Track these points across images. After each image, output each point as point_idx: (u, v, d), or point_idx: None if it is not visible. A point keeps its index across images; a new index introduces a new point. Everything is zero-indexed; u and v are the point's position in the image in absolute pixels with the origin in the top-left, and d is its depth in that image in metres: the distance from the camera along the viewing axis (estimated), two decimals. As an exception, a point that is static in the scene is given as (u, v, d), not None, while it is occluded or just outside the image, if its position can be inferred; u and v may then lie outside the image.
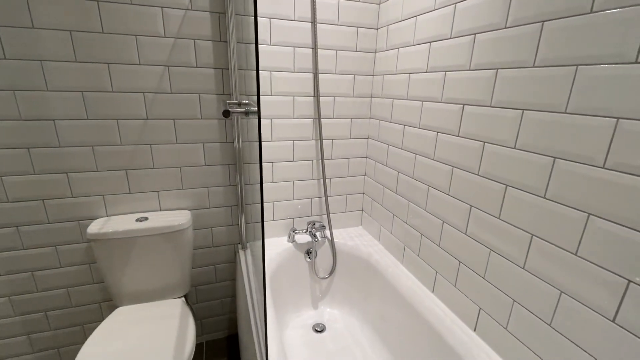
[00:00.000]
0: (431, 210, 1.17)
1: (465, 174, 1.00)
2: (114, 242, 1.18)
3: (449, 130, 1.05)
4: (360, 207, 1.71)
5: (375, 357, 1.33)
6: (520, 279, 0.84)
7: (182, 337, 1.11)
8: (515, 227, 0.85)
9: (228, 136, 1.36)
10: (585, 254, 0.69)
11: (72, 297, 1.35)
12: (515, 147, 0.83)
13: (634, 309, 0.62)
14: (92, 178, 1.23)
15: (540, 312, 0.80)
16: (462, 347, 0.99)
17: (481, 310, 0.99)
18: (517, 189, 0.84)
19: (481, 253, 0.97)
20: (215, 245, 1.50)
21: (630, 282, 0.62)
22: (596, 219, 0.67)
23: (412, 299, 1.22)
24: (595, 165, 0.66)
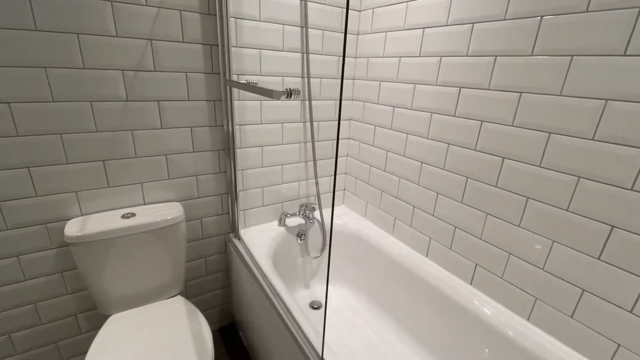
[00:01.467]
0: (425, 184, 1.29)
1: (461, 150, 1.13)
2: (99, 244, 1.04)
3: (445, 110, 1.16)
4: (343, 187, 1.78)
5: (377, 322, 1.45)
6: (516, 236, 1.01)
7: (198, 335, 1.05)
8: (512, 193, 1.00)
9: (218, 119, 1.27)
10: (575, 209, 0.86)
11: (40, 313, 1.15)
12: (513, 124, 0.97)
13: (616, 249, 0.80)
14: (61, 172, 1.04)
15: (535, 261, 0.97)
16: (461, 298, 1.15)
17: (477, 266, 1.15)
18: (514, 160, 0.98)
19: (477, 217, 1.12)
20: (205, 237, 1.41)
21: (614, 227, 0.80)
22: (585, 181, 0.83)
23: (407, 264, 1.35)
24: (585, 137, 0.82)
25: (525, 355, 0.96)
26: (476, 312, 1.10)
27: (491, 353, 1.05)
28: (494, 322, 1.05)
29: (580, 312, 0.89)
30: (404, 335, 1.35)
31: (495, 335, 1.04)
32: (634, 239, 0.77)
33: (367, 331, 1.41)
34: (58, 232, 1.09)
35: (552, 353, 0.92)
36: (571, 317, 0.91)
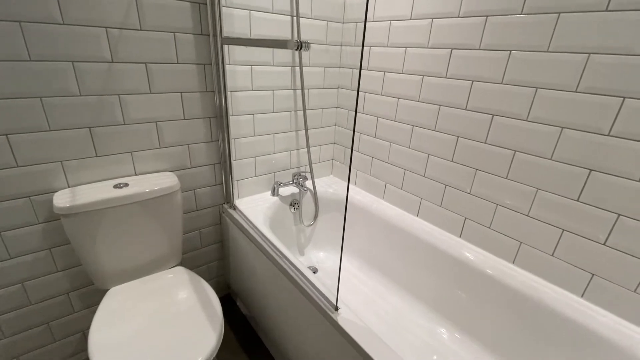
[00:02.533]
0: (416, 147, 1.34)
1: (452, 110, 1.18)
2: (92, 215, 0.99)
3: (436, 73, 1.20)
4: (331, 157, 1.80)
5: (372, 282, 1.52)
6: (504, 186, 1.10)
7: (205, 300, 1.05)
8: (500, 147, 1.08)
9: (208, 85, 1.22)
10: (558, 157, 0.95)
11: (29, 293, 1.09)
12: (502, 82, 1.03)
13: (593, 190, 0.90)
14: (44, 140, 0.96)
15: (520, 208, 1.07)
16: (452, 249, 1.24)
17: (466, 219, 1.24)
18: (502, 116, 1.05)
19: (467, 174, 1.19)
20: (199, 209, 1.38)
21: (592, 170, 0.90)
22: (568, 130, 0.92)
23: (398, 224, 1.42)
24: (569, 90, 0.90)
25: (512, 293, 1.07)
26: (466, 261, 1.19)
27: (481, 295, 1.16)
28: (482, 268, 1.15)
29: (560, 250, 1.00)
30: (400, 291, 1.44)
31: (484, 280, 1.14)
32: (608, 180, 0.87)
33: (363, 290, 1.48)
34: (44, 206, 1.02)
35: (536, 289, 1.04)
36: (552, 255, 1.03)
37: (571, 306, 0.97)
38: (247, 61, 1.27)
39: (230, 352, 1.36)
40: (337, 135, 1.73)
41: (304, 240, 1.70)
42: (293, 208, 1.61)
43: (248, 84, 1.31)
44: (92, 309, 1.24)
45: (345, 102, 1.63)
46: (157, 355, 0.86)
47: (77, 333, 1.24)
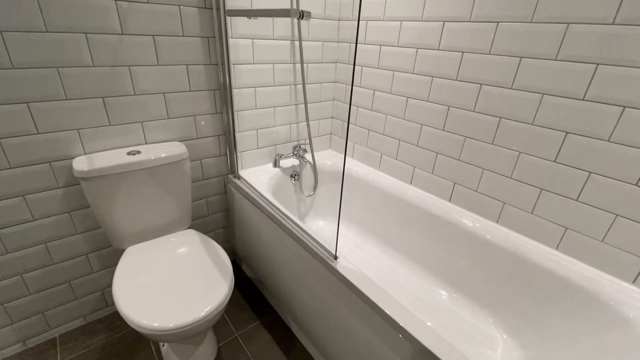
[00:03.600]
0: (410, 117, 1.42)
1: (444, 81, 1.26)
2: (109, 178, 1.07)
3: (429, 45, 1.27)
4: (329, 131, 1.87)
5: (368, 246, 1.63)
6: (490, 152, 1.18)
7: (215, 257, 1.15)
8: (487, 115, 1.16)
9: (212, 58, 1.27)
10: (538, 122, 1.04)
11: (52, 253, 1.18)
12: (490, 53, 1.10)
13: (569, 151, 0.99)
14: (62, 108, 1.03)
15: (504, 171, 1.16)
16: (443, 213, 1.34)
17: (455, 185, 1.33)
18: (490, 85, 1.13)
19: (457, 142, 1.28)
20: (205, 178, 1.46)
21: (568, 133, 0.98)
22: (548, 96, 1.00)
23: (393, 192, 1.51)
24: (549, 59, 0.97)
25: (496, 249, 1.18)
26: (455, 222, 1.30)
27: (470, 253, 1.27)
28: (469, 228, 1.25)
29: (538, 207, 1.10)
30: (395, 254, 1.55)
31: (472, 239, 1.25)
32: (582, 141, 0.96)
33: (359, 253, 1.59)
34: (63, 171, 1.10)
35: (518, 245, 1.14)
36: (531, 212, 1.13)
37: (548, 258, 1.08)
38: (248, 35, 1.32)
39: (238, 309, 1.47)
40: (335, 109, 1.80)
41: (304, 209, 1.80)
42: (293, 179, 1.70)
43: (250, 57, 1.36)
44: (109, 270, 1.33)
45: (343, 77, 1.69)
46: (175, 300, 0.96)
47: (95, 292, 1.34)
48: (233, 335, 1.35)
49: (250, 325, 1.39)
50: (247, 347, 1.30)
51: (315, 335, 1.18)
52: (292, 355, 1.27)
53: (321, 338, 1.14)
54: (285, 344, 1.32)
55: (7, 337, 1.19)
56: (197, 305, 0.95)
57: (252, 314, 1.45)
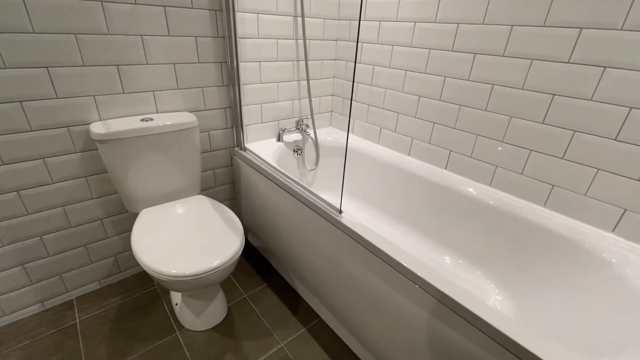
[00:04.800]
0: (408, 90, 1.49)
1: (441, 53, 1.33)
2: (125, 142, 1.12)
3: (426, 19, 1.33)
4: (330, 109, 1.94)
5: (368, 216, 1.71)
6: (483, 120, 1.26)
7: (226, 217, 1.22)
8: (481, 83, 1.23)
9: (219, 31, 1.33)
10: (528, 86, 1.12)
11: (69, 217, 1.23)
12: (483, 23, 1.17)
13: (555, 113, 1.07)
14: (78, 74, 1.08)
15: (497, 136, 1.24)
16: (440, 179, 1.42)
17: (451, 152, 1.41)
18: (483, 54, 1.20)
19: (452, 111, 1.35)
20: (213, 150, 1.52)
21: (554, 95, 1.06)
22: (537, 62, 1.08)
23: (392, 163, 1.59)
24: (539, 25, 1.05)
25: (490, 209, 1.26)
26: (451, 187, 1.38)
27: (465, 216, 1.35)
28: (464, 190, 1.33)
29: (528, 167, 1.19)
30: (391, 220, 1.63)
31: (469, 202, 1.33)
32: (567, 102, 1.04)
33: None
34: (80, 136, 1.15)
35: (509, 204, 1.23)
36: (521, 174, 1.21)
37: (537, 214, 1.16)
38: (254, 9, 1.38)
39: (246, 274, 1.54)
40: (335, 87, 1.86)
41: (306, 183, 1.87)
42: (296, 154, 1.76)
43: (255, 31, 1.42)
44: (122, 236, 1.40)
45: (344, 54, 1.75)
46: (192, 251, 1.03)
47: (110, 257, 1.40)
48: (242, 296, 1.42)
49: (258, 288, 1.47)
50: (255, 306, 1.37)
51: (322, 292, 1.26)
52: (298, 314, 1.35)
53: (329, 294, 1.22)
54: (291, 304, 1.40)
55: (27, 298, 1.25)
56: (212, 255, 1.02)
57: (259, 278, 1.53)
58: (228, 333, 1.25)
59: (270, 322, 1.30)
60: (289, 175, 1.27)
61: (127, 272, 1.48)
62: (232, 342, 1.22)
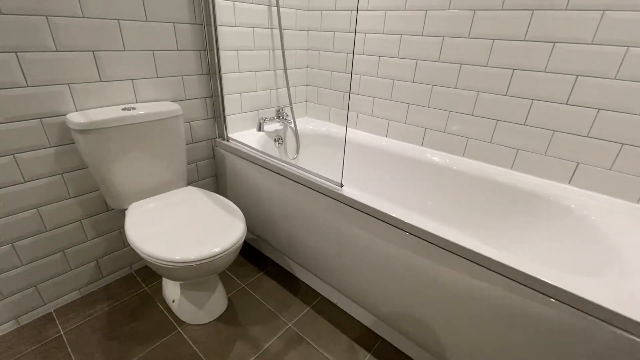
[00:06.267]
0: (383, 74, 1.59)
1: (411, 38, 1.44)
2: (111, 131, 1.06)
3: (397, 6, 1.44)
4: (305, 99, 1.98)
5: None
6: (454, 96, 1.40)
7: (223, 204, 1.20)
8: (450, 63, 1.37)
9: (197, 17, 1.30)
10: (492, 63, 1.27)
11: (44, 219, 1.12)
12: (449, 8, 1.30)
13: (517, 85, 1.24)
14: (51, 60, 1.00)
15: (467, 110, 1.38)
16: (417, 155, 1.53)
17: (426, 129, 1.54)
18: (451, 37, 1.33)
19: (425, 91, 1.47)
20: (194, 141, 1.48)
21: (514, 70, 1.22)
22: (498, 41, 1.23)
23: (370, 144, 1.68)
24: (496, 9, 1.20)
25: (466, 177, 1.40)
26: (428, 161, 1.50)
27: (442, 185, 1.48)
28: (440, 163, 1.46)
29: (495, 136, 1.34)
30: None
31: (443, 171, 1.46)
32: (524, 75, 1.20)
33: (346, 204, 1.73)
34: (54, 129, 1.06)
35: (481, 170, 1.37)
36: (490, 142, 1.36)
37: (506, 176, 1.32)
38: (230, -4, 1.37)
39: (240, 266, 1.52)
40: (309, 76, 1.91)
41: (288, 173, 1.89)
42: (277, 143, 1.78)
43: (232, 19, 1.41)
44: (104, 237, 1.30)
45: (316, 44, 1.80)
46: (195, 238, 1.01)
47: (91, 262, 1.29)
48: (240, 286, 1.40)
49: (255, 277, 1.46)
50: (255, 293, 1.37)
51: (324, 269, 1.29)
52: (299, 295, 1.38)
53: (330, 268, 1.26)
54: (291, 286, 1.42)
55: (-3, 316, 1.11)
56: (216, 240, 1.00)
57: (254, 267, 1.52)
58: (233, 322, 1.23)
59: (273, 306, 1.31)
60: (282, 159, 1.29)
61: (110, 277, 1.38)
62: (240, 329, 1.20)
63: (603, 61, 1.04)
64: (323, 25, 1.73)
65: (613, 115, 1.07)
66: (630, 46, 0.98)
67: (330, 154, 1.85)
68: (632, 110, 1.03)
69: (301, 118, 2.00)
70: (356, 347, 1.16)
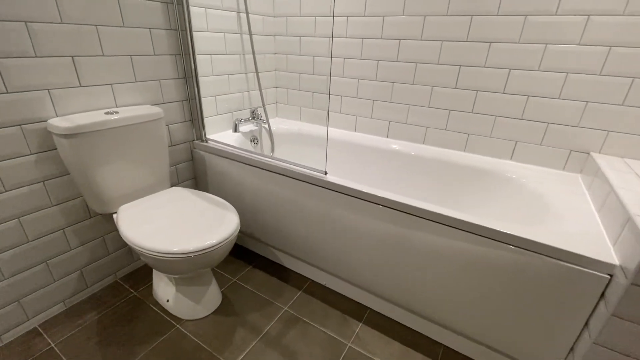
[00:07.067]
0: (348, 74, 1.75)
1: (372, 41, 1.61)
2: (96, 135, 1.07)
3: (357, 12, 1.60)
4: (275, 100, 2.07)
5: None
6: (412, 91, 1.59)
7: (214, 201, 1.26)
8: (407, 63, 1.56)
9: (172, 23, 1.35)
10: (444, 60, 1.48)
11: (26, 229, 1.09)
12: (403, 14, 1.49)
13: (465, 78, 1.46)
14: (31, 66, 0.99)
15: (423, 102, 1.58)
16: (381, 145, 1.71)
17: (390, 122, 1.72)
18: (406, 39, 1.52)
19: (386, 88, 1.65)
20: (173, 144, 1.50)
21: (461, 66, 1.44)
22: (447, 42, 1.44)
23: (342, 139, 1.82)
24: (442, 15, 1.41)
25: (426, 160, 1.60)
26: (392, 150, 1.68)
27: (405, 170, 1.67)
28: (403, 150, 1.65)
29: (449, 124, 1.55)
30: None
31: (403, 157, 1.64)
32: (470, 70, 1.42)
33: (323, 196, 1.85)
34: (35, 135, 1.04)
35: (438, 153, 1.58)
36: (445, 129, 1.57)
37: (460, 157, 1.53)
38: (202, 3, 1.43)
39: (228, 262, 1.57)
40: (278, 79, 2.01)
41: (265, 171, 1.96)
42: (253, 143, 1.85)
43: (204, 25, 1.47)
44: (87, 246, 1.28)
45: (283, 48, 1.91)
46: (191, 232, 1.06)
47: (75, 272, 1.26)
48: (231, 280, 1.45)
49: (244, 271, 1.52)
50: (247, 285, 1.43)
51: (311, 254, 1.40)
52: (290, 281, 1.46)
53: (317, 252, 1.36)
54: (281, 275, 1.50)
55: (-24, 337, 1.06)
56: (212, 232, 1.06)
57: (242, 263, 1.57)
58: (231, 313, 1.28)
59: (267, 294, 1.38)
60: (264, 154, 1.37)
61: (95, 286, 1.35)
62: (238, 318, 1.26)
63: (528, 57, 1.28)
64: (289, 30, 1.84)
65: (540, 100, 1.31)
66: (548, 44, 1.23)
67: (304, 150, 1.96)
68: (554, 96, 1.28)
69: (272, 119, 2.09)
70: (348, 319, 1.28)
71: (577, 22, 1.16)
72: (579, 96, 1.24)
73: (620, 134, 1.21)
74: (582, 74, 1.21)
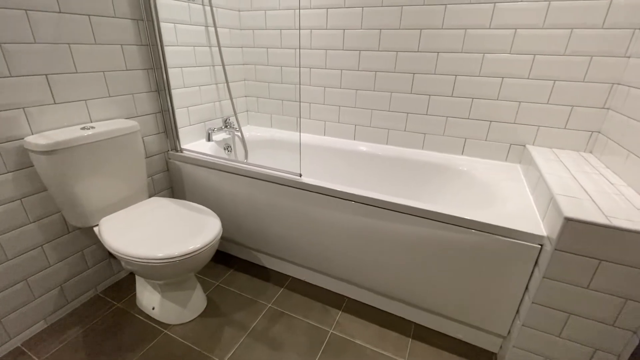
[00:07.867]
0: (315, 82, 1.87)
1: (334, 52, 1.75)
2: (75, 151, 1.10)
3: (319, 26, 1.73)
4: (245, 109, 2.15)
5: (302, 191, 2.00)
6: (373, 97, 1.74)
7: (196, 208, 1.32)
8: (367, 71, 1.71)
9: (143, 39, 1.39)
10: (400, 69, 1.64)
11: (5, 248, 1.09)
12: (361, 28, 1.64)
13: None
14: (6, 85, 1.00)
15: (384, 107, 1.74)
16: (349, 147, 1.85)
17: (356, 126, 1.86)
18: (366, 50, 1.67)
19: (351, 94, 1.80)
20: (149, 156, 1.54)
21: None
22: (402, 53, 1.61)
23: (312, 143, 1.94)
24: (395, 28, 1.57)
25: (389, 159, 1.75)
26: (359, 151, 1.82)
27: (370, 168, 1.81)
28: (368, 151, 1.79)
29: (408, 125, 1.72)
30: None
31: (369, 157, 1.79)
32: (422, 77, 1.60)
33: (298, 198, 1.95)
34: (11, 154, 1.05)
35: (399, 152, 1.74)
36: (404, 130, 1.74)
37: (418, 154, 1.70)
38: (171, 19, 1.49)
39: (209, 268, 1.62)
40: (247, 88, 2.09)
41: (240, 178, 2.02)
42: (227, 151, 1.91)
43: (174, 39, 1.53)
44: (66, 261, 1.28)
45: (251, 59, 1.99)
46: (175, 238, 1.12)
47: (55, 288, 1.26)
48: (214, 284, 1.51)
49: (226, 274, 1.58)
50: (231, 287, 1.49)
51: (289, 251, 1.49)
52: (271, 280, 1.54)
53: (295, 249, 1.46)
54: (262, 275, 1.58)
55: (-46, 361, 1.04)
56: (196, 236, 1.13)
57: (223, 267, 1.63)
58: (217, 314, 1.34)
59: (250, 294, 1.45)
60: (240, 160, 1.45)
61: (75, 301, 1.35)
62: (225, 319, 1.32)
63: (470, 65, 1.47)
64: (256, 42, 1.94)
65: (482, 102, 1.51)
66: (485, 53, 1.43)
67: (277, 155, 2.05)
68: (493, 97, 1.48)
69: (245, 126, 2.16)
70: (329, 309, 1.39)
71: (507, 34, 1.37)
72: (513, 97, 1.44)
73: (548, 128, 1.42)
74: (514, 78, 1.42)
